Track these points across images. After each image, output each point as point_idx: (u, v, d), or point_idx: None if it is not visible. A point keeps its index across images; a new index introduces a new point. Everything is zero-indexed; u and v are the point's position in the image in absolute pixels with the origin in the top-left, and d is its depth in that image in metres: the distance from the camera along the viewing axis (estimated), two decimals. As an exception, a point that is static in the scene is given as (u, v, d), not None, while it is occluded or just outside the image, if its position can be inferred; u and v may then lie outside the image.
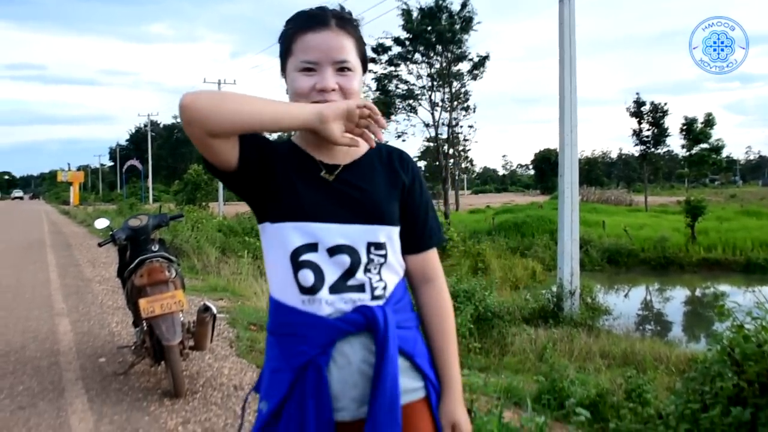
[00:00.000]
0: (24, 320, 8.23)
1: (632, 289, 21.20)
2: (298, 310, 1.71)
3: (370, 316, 1.67)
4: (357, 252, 1.71)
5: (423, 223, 1.86)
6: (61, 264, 14.52)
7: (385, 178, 1.81)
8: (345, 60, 1.71)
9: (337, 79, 1.70)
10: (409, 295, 1.85)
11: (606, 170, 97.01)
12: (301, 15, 1.76)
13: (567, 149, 13.06)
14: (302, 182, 1.75)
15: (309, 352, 1.67)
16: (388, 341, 1.67)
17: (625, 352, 9.64)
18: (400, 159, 1.87)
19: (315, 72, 1.70)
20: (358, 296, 1.70)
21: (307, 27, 1.71)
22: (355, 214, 1.72)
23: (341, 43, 1.71)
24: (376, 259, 1.73)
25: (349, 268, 1.70)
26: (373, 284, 1.72)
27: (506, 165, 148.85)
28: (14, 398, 5.24)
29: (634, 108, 42.30)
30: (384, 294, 1.74)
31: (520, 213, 34.10)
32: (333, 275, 1.69)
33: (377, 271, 1.74)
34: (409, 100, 38.16)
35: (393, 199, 1.80)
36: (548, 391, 5.73)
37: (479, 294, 9.82)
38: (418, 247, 1.86)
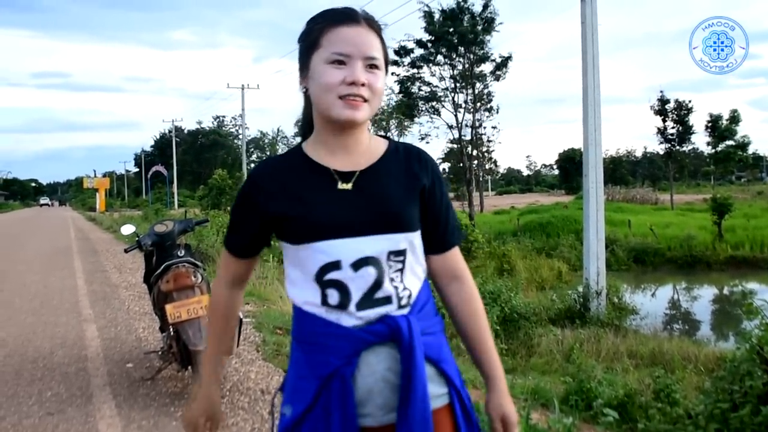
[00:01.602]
0: (52, 326, 8.30)
1: (659, 288, 21.04)
2: (322, 320, 1.70)
3: (394, 326, 1.66)
4: (380, 263, 1.69)
5: (445, 223, 1.83)
6: (88, 270, 14.64)
7: (403, 182, 1.77)
8: (375, 57, 1.70)
9: (366, 76, 1.68)
10: (432, 299, 1.82)
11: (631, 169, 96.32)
12: (330, 11, 1.75)
13: (591, 148, 12.99)
14: (317, 199, 1.72)
15: (334, 362, 1.66)
16: (414, 350, 1.64)
17: (653, 352, 9.58)
18: (418, 159, 1.82)
19: (345, 65, 1.67)
20: (385, 309, 1.69)
21: (340, 21, 1.70)
22: (374, 224, 1.70)
23: (371, 39, 1.71)
24: (394, 265, 1.71)
25: (375, 281, 1.68)
26: (399, 294, 1.70)
27: (530, 165, 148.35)
28: (43, 404, 5.28)
29: (659, 106, 41.94)
30: (409, 302, 1.72)
31: (545, 213, 33.95)
32: (359, 291, 1.68)
33: (400, 279, 1.72)
34: (432, 102, 38.05)
35: (412, 203, 1.76)
36: (575, 392, 5.70)
37: (505, 295, 9.79)
38: (442, 247, 1.84)
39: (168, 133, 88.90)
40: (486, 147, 41.44)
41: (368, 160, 1.77)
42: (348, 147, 1.77)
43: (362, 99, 1.68)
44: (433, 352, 1.72)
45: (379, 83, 1.71)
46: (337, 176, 1.74)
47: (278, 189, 1.76)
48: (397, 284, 1.71)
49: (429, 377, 1.68)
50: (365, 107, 1.69)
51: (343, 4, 1.82)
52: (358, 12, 1.73)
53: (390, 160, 1.80)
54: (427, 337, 1.71)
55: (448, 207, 1.86)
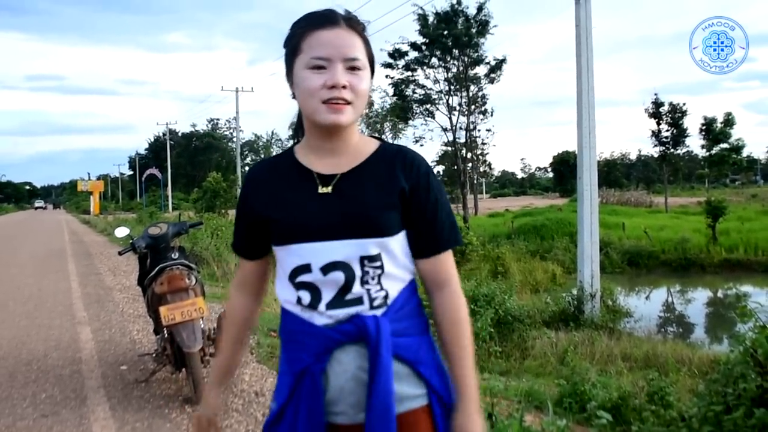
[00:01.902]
0: (46, 329, 8.29)
1: (653, 291, 21.08)
2: (298, 318, 1.74)
3: (361, 325, 1.66)
4: (350, 267, 1.68)
5: (431, 226, 1.77)
6: (82, 273, 14.62)
7: (384, 185, 1.74)
8: (356, 57, 1.68)
9: (347, 78, 1.67)
10: (417, 300, 1.79)
11: (625, 172, 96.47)
12: (310, 15, 1.74)
13: (586, 151, 13.02)
14: (297, 202, 1.75)
15: (306, 359, 1.69)
16: (380, 350, 1.64)
17: (647, 355, 9.60)
18: (403, 161, 1.78)
19: (325, 69, 1.66)
20: (356, 309, 1.68)
21: (318, 25, 1.69)
22: (345, 229, 1.69)
23: (352, 40, 1.69)
24: (372, 271, 1.70)
25: (344, 284, 1.68)
26: (372, 295, 1.70)
27: (525, 168, 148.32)
28: (37, 406, 5.28)
29: (653, 109, 41.99)
30: (385, 302, 1.71)
31: (540, 216, 33.99)
32: (329, 293, 1.69)
33: (376, 281, 1.70)
34: (427, 104, 38.07)
35: (389, 207, 1.72)
36: (569, 395, 5.72)
37: (499, 298, 9.79)
38: (426, 251, 1.78)
39: (162, 135, 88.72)
40: (480, 150, 41.46)
41: (351, 163, 1.77)
42: (335, 150, 1.77)
43: (344, 101, 1.67)
44: (408, 352, 1.71)
45: (362, 84, 1.70)
46: (319, 180, 1.75)
47: (266, 191, 1.81)
48: (371, 286, 1.70)
49: (402, 377, 1.69)
50: (348, 110, 1.68)
51: (331, 5, 1.81)
52: (337, 13, 1.72)
53: (375, 162, 1.78)
54: (402, 339, 1.70)
55: (436, 210, 1.78)
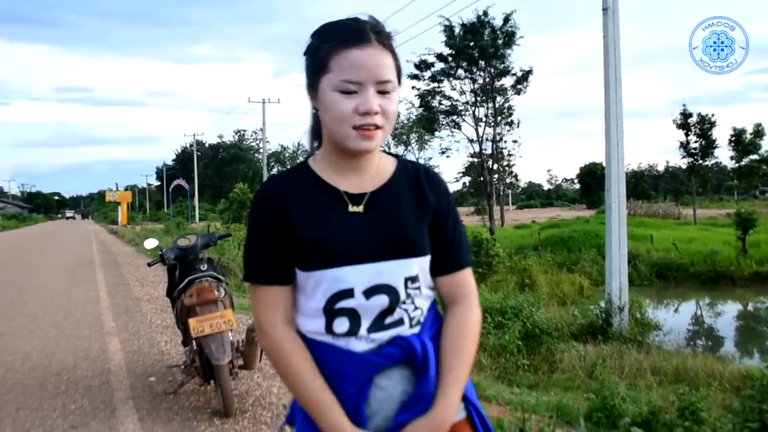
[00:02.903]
0: (75, 339, 8.35)
1: (682, 303, 20.86)
2: (331, 347, 1.63)
3: (407, 348, 1.61)
4: (395, 289, 1.62)
5: (452, 244, 1.74)
6: (111, 283, 14.72)
7: (414, 203, 1.70)
8: (388, 80, 1.58)
9: (379, 101, 1.56)
10: (440, 321, 1.76)
11: (653, 183, 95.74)
12: (338, 29, 1.60)
13: (614, 163, 12.92)
14: (329, 222, 1.63)
15: (349, 391, 1.60)
16: (429, 370, 1.61)
17: (677, 369, 9.48)
18: (427, 177, 1.74)
19: (356, 93, 1.55)
20: (397, 330, 1.64)
21: (348, 42, 1.55)
22: (388, 250, 1.61)
23: (383, 60, 1.57)
24: (413, 292, 1.65)
25: (387, 308, 1.61)
26: (411, 314, 1.65)
27: (551, 179, 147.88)
28: (66, 417, 5.31)
29: (681, 120, 41.67)
30: (420, 320, 1.68)
31: (566, 228, 33.80)
32: (370, 317, 1.61)
33: (411, 301, 1.66)
34: (453, 116, 38.12)
35: (423, 225, 1.69)
36: (599, 409, 5.65)
37: (527, 310, 9.74)
38: (448, 268, 1.74)
39: (189, 147, 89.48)
40: (506, 161, 41.41)
41: (378, 181, 1.70)
42: (358, 168, 1.68)
43: (375, 127, 1.58)
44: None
45: (393, 106, 1.60)
46: (348, 198, 1.66)
47: (294, 207, 1.65)
48: (408, 306, 1.65)
49: None
50: (379, 135, 1.59)
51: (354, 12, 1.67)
52: (367, 28, 1.58)
53: (400, 180, 1.72)
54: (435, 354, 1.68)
55: (456, 227, 1.76)
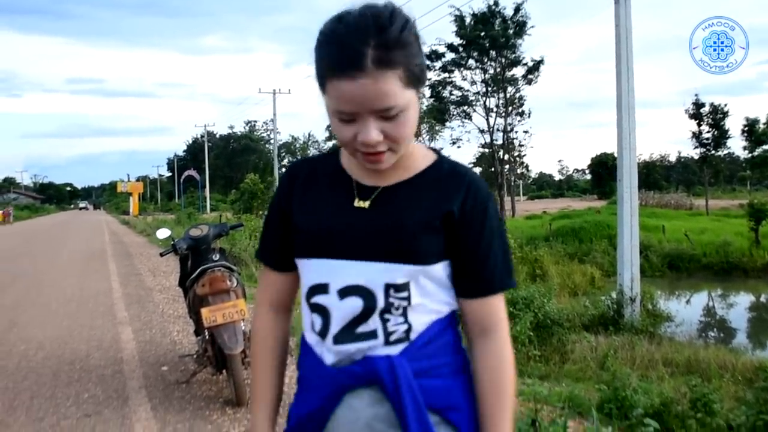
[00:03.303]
0: (88, 329, 8.39)
1: (694, 295, 20.77)
2: (311, 351, 1.53)
3: (370, 368, 1.42)
4: (373, 294, 1.43)
5: (481, 264, 1.49)
6: (123, 273, 14.79)
7: (426, 204, 1.48)
8: (389, 108, 1.34)
9: (382, 126, 1.36)
10: (452, 335, 1.53)
11: (665, 174, 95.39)
12: (331, 50, 1.34)
13: (625, 153, 12.86)
14: (326, 212, 1.52)
15: (312, 401, 1.50)
16: (402, 396, 1.39)
17: (689, 360, 9.45)
18: (458, 180, 1.51)
19: (355, 121, 1.36)
20: (368, 344, 1.43)
21: (338, 72, 1.31)
22: (372, 249, 1.44)
23: (382, 90, 1.31)
24: (396, 302, 1.44)
25: (360, 314, 1.43)
26: (388, 328, 1.43)
27: (562, 170, 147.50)
28: (80, 405, 5.34)
29: (693, 110, 41.46)
30: (407, 337, 1.45)
31: (578, 218, 33.66)
32: (340, 321, 1.44)
33: (400, 313, 1.44)
34: (464, 106, 38.13)
35: (428, 231, 1.45)
36: (610, 400, 5.64)
37: (538, 301, 9.70)
38: (472, 291, 1.50)
39: (200, 137, 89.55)
40: (517, 151, 41.39)
41: (399, 176, 1.52)
42: None
43: (383, 151, 1.40)
44: (435, 398, 1.45)
45: (401, 130, 1.38)
46: (357, 191, 1.52)
47: (300, 192, 1.59)
48: (392, 317, 1.44)
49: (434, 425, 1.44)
50: (389, 156, 1.42)
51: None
52: (364, 48, 1.29)
53: (425, 178, 1.52)
54: (428, 380, 1.45)
55: (490, 246, 1.50)
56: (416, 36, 1.38)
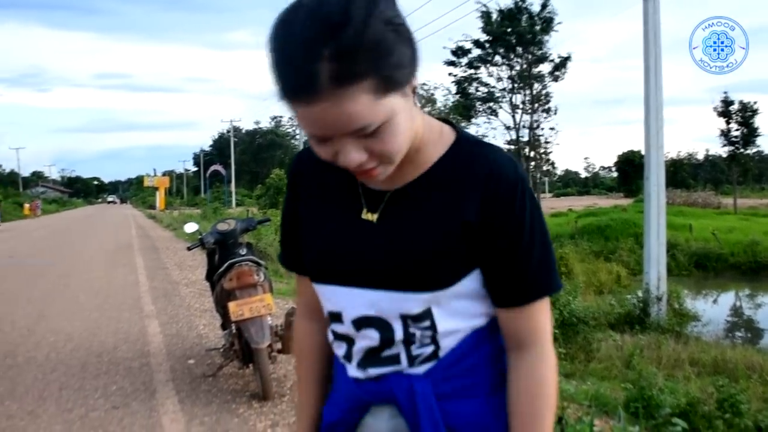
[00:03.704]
0: (115, 321, 8.47)
1: (721, 294, 20.60)
2: (338, 360, 1.41)
3: (386, 389, 1.29)
4: (389, 326, 1.26)
5: (516, 271, 1.24)
6: (149, 267, 14.90)
7: (442, 212, 1.23)
8: (363, 127, 1.07)
9: (364, 144, 1.10)
10: (488, 349, 1.32)
11: (692, 172, 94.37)
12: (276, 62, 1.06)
13: (653, 151, 12.77)
14: (332, 226, 1.33)
15: (335, 412, 1.40)
16: (420, 420, 1.25)
17: (716, 360, 9.38)
18: (474, 175, 1.23)
19: (332, 140, 1.11)
20: (391, 368, 1.29)
21: (290, 96, 1.06)
22: (384, 277, 1.24)
23: (346, 112, 1.04)
24: (419, 332, 1.26)
25: (379, 344, 1.28)
26: (413, 352, 1.27)
27: (588, 167, 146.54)
28: (108, 397, 5.40)
29: (722, 107, 41.06)
30: (436, 355, 1.28)
31: (604, 216, 33.48)
32: (360, 352, 1.31)
33: (426, 341, 1.27)
34: (490, 102, 37.93)
35: (443, 250, 1.22)
36: (636, 399, 5.61)
37: (563, 299, 9.68)
38: (504, 301, 1.27)
39: (226, 132, 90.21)
40: (543, 148, 41.11)
41: (409, 175, 1.26)
42: None
43: (373, 167, 1.16)
44: (462, 419, 1.29)
45: (387, 144, 1.11)
46: (365, 199, 1.29)
47: (307, 196, 1.39)
48: (414, 344, 1.27)
49: None
50: (383, 169, 1.17)
51: None
52: (318, 69, 1.00)
53: (437, 174, 1.26)
54: (456, 402, 1.28)
55: (529, 251, 1.24)
56: (390, 22, 1.06)
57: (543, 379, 1.27)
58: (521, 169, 1.25)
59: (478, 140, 1.30)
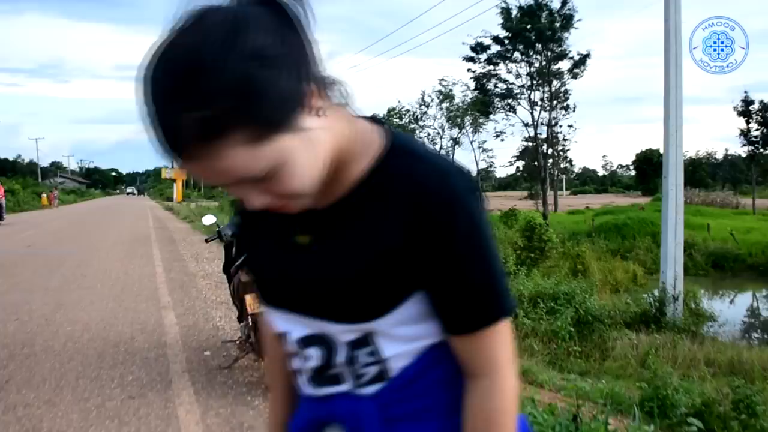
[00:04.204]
0: (132, 312, 8.52)
1: (738, 295, 20.48)
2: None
3: (330, 411, 1.21)
4: (332, 346, 1.17)
5: (454, 298, 1.09)
6: (166, 258, 14.95)
7: (370, 237, 1.09)
8: (247, 178, 0.94)
9: (262, 187, 0.97)
10: (444, 369, 1.17)
11: (711, 172, 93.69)
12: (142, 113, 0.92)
13: (672, 149, 12.72)
14: (269, 250, 1.23)
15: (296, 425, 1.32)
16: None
17: (732, 361, 9.35)
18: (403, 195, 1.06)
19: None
20: (337, 389, 1.20)
21: (163, 154, 0.93)
22: (317, 307, 1.14)
23: (219, 169, 0.91)
24: (363, 355, 1.15)
25: (324, 363, 1.19)
26: (358, 371, 1.16)
27: (606, 165, 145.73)
28: (124, 387, 5.43)
29: (742, 107, 40.76)
30: (384, 376, 1.16)
31: (621, 215, 33.34)
32: (308, 370, 1.22)
33: (370, 361, 1.16)
34: (508, 99, 37.96)
35: (379, 276, 1.08)
36: (651, 399, 5.60)
37: (579, 297, 9.69)
38: (450, 328, 1.13)
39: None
40: (561, 145, 41.08)
41: (337, 191, 1.11)
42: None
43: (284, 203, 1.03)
44: None
45: (287, 185, 0.97)
46: (299, 221, 1.13)
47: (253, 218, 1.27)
48: (358, 363, 1.16)
49: None
50: (296, 203, 1.04)
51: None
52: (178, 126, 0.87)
53: (362, 193, 1.10)
54: (405, 426, 1.17)
55: (466, 274, 1.08)
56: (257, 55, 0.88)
57: (495, 411, 1.12)
58: (461, 183, 1.07)
59: (411, 150, 1.11)
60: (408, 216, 1.04)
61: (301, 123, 0.94)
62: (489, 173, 56.36)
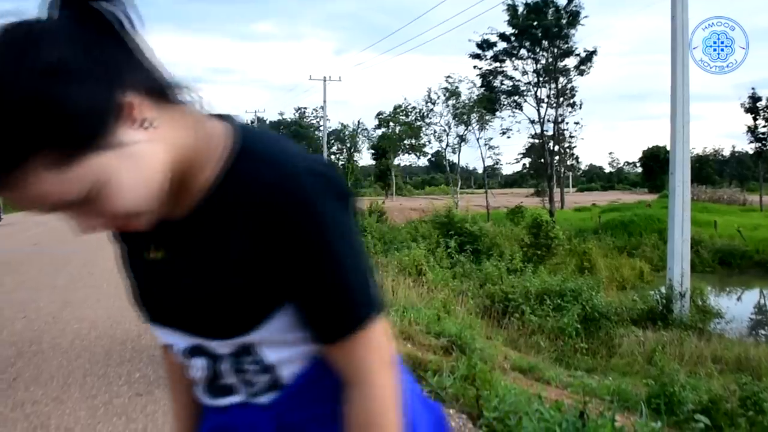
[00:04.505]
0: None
1: (745, 291, 20.44)
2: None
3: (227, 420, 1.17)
4: (215, 358, 1.12)
5: (313, 307, 1.05)
6: (173, 256, 14.96)
7: (210, 254, 1.03)
8: (60, 203, 0.85)
9: (89, 208, 0.88)
10: (334, 378, 1.11)
11: (718, 168, 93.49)
12: None
13: (679, 146, 12.69)
14: (134, 265, 1.17)
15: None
16: None
17: (739, 358, 9.32)
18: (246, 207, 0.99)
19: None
20: (230, 400, 1.16)
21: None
22: (182, 323, 1.09)
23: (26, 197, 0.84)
24: (247, 366, 1.11)
25: (213, 373, 1.14)
26: (250, 380, 1.13)
27: (613, 162, 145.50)
28: (132, 384, 5.43)
29: (749, 104, 40.68)
30: (276, 386, 1.13)
31: (628, 212, 33.32)
32: (199, 380, 1.18)
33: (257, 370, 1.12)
34: (515, 96, 37.91)
35: (224, 295, 1.03)
36: (658, 396, 5.60)
37: (586, 294, 9.68)
38: (316, 337, 1.08)
39: (250, 123, 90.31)
40: (568, 142, 41.06)
41: (188, 202, 1.03)
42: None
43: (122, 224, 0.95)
44: None
45: (114, 207, 0.89)
46: (152, 236, 1.07)
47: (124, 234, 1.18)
48: (248, 370, 1.11)
49: None
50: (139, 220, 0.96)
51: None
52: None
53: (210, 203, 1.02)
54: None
55: (325, 283, 1.02)
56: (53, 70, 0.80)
57: (373, 415, 1.07)
58: (312, 184, 0.98)
59: (260, 151, 1.02)
60: (256, 224, 0.98)
61: (119, 138, 0.86)
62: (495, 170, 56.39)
